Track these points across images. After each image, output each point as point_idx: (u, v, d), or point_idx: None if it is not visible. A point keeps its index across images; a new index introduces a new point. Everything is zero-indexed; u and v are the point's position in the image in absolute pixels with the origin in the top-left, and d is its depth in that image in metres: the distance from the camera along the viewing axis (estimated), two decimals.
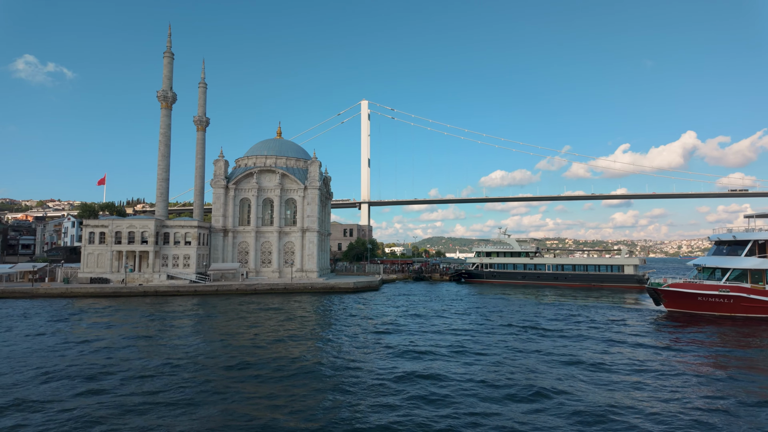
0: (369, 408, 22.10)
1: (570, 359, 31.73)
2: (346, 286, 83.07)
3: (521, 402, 23.04)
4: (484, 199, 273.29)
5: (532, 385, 25.25)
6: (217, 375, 27.62)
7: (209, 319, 50.69)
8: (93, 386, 25.54)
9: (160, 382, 26.22)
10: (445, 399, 23.37)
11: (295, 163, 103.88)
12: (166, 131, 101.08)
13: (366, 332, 42.28)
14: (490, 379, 26.64)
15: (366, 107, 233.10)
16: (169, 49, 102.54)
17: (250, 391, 24.57)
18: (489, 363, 30.71)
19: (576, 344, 37.07)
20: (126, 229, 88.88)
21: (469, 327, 45.26)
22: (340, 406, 22.35)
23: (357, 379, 26.97)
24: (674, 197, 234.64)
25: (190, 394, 23.99)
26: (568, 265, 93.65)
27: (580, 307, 61.13)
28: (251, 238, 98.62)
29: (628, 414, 21.21)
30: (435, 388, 24.98)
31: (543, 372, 28.34)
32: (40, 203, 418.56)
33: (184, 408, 21.99)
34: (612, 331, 43.24)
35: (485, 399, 23.37)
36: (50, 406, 22.33)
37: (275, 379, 26.79)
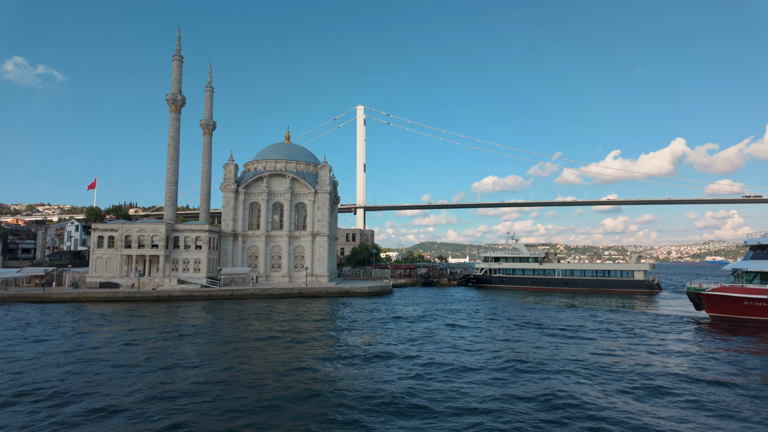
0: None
1: (647, 383, 26.98)
2: (361, 291, 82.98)
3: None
4: (478, 205, 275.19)
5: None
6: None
7: (249, 327, 49.15)
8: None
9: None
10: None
11: (305, 168, 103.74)
12: (175, 135, 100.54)
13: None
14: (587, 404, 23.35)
15: (362, 112, 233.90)
16: (178, 53, 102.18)
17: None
18: (569, 381, 27.48)
19: (644, 362, 32.51)
20: (136, 233, 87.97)
21: (511, 338, 41.42)
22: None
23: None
24: (664, 203, 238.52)
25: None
26: (578, 271, 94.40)
27: (615, 313, 59.08)
28: (261, 242, 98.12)
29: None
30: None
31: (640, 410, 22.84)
32: (29, 207, 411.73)
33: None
34: (668, 341, 39.95)
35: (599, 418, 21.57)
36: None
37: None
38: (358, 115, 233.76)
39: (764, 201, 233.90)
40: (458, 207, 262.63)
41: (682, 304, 70.14)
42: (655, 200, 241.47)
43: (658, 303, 73.77)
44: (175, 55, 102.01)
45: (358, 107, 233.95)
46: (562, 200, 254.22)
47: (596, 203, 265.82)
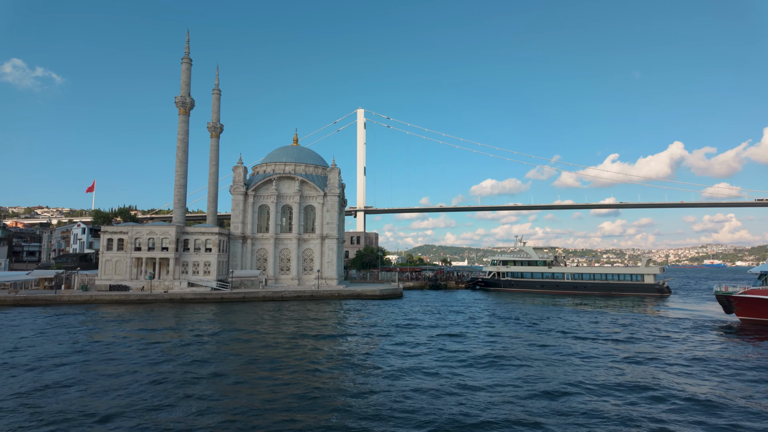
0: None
1: (691, 394, 25.78)
2: (373, 293, 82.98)
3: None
4: (478, 208, 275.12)
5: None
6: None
7: (280, 329, 48.80)
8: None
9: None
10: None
11: (314, 170, 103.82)
12: (184, 137, 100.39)
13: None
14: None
15: (362, 116, 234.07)
16: (187, 55, 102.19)
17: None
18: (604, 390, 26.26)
19: (685, 369, 31.53)
20: (146, 235, 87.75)
21: (544, 344, 39.76)
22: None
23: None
24: (662, 207, 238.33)
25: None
26: (587, 274, 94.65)
27: (641, 317, 58.24)
28: (270, 245, 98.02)
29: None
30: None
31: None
32: (27, 210, 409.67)
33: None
34: (704, 347, 38.67)
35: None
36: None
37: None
38: (358, 118, 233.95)
39: (762, 205, 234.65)
40: (458, 210, 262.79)
41: (703, 308, 70.17)
42: (653, 203, 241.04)
43: (679, 306, 73.39)
44: (184, 57, 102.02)
45: (359, 110, 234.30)
46: (560, 203, 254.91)
47: (594, 206, 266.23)
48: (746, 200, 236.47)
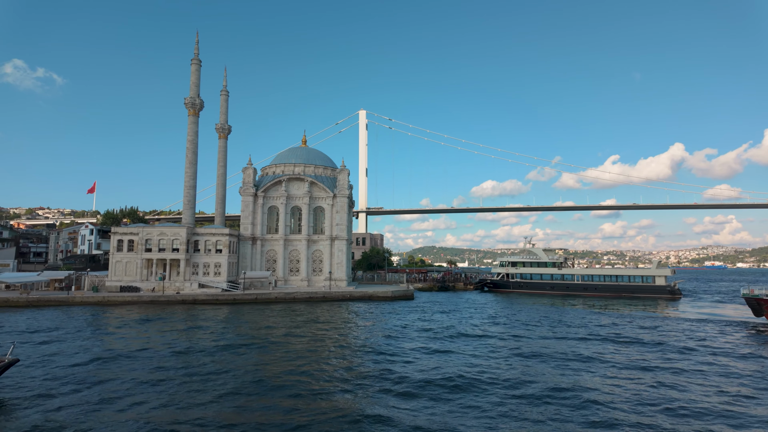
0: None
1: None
2: (385, 295, 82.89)
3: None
4: (481, 209, 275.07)
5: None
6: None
7: (297, 333, 49.29)
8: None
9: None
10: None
11: (323, 171, 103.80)
12: (194, 138, 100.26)
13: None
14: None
15: (364, 117, 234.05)
16: (196, 56, 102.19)
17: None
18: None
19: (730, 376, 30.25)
20: (157, 236, 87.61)
21: (575, 351, 37.62)
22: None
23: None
24: (663, 208, 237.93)
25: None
26: (598, 276, 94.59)
27: (668, 321, 57.12)
28: (279, 246, 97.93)
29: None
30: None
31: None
32: (28, 211, 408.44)
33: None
34: (740, 352, 37.68)
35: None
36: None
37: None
38: (360, 119, 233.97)
39: (763, 206, 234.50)
40: (462, 211, 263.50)
41: (724, 310, 69.98)
42: (654, 205, 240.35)
43: (698, 309, 73.09)
44: (194, 59, 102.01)
45: (361, 112, 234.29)
46: (561, 205, 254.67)
47: (595, 208, 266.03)
48: (748, 201, 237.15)
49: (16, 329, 46.82)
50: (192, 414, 21.94)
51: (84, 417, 21.38)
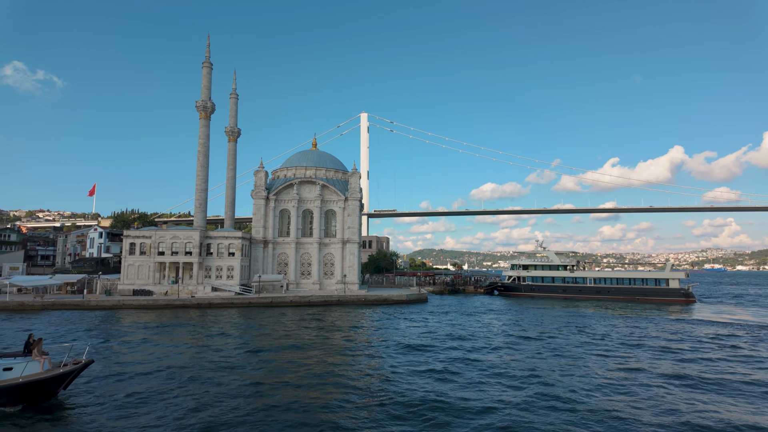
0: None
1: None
2: (399, 298, 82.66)
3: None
4: (481, 212, 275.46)
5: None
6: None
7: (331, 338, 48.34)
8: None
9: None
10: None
11: (334, 175, 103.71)
12: (205, 141, 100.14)
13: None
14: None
15: (365, 120, 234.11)
16: (207, 59, 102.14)
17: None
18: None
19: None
20: (170, 240, 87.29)
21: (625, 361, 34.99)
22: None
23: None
24: (662, 211, 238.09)
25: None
26: (611, 279, 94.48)
27: (712, 326, 55.18)
28: (291, 249, 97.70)
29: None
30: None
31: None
32: (29, 213, 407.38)
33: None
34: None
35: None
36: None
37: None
38: (362, 122, 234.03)
39: (764, 209, 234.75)
40: (465, 214, 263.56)
41: (746, 314, 69.73)
42: (653, 208, 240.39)
43: (720, 312, 72.65)
44: (205, 62, 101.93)
45: (362, 115, 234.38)
46: (561, 207, 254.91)
47: (595, 211, 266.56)
48: (749, 204, 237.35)
49: (49, 332, 46.49)
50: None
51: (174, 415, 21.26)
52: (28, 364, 22.34)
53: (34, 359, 22.86)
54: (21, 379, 21.82)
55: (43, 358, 23.20)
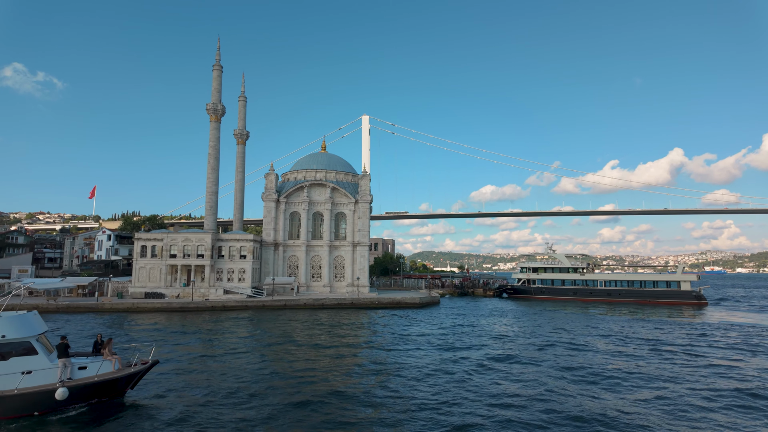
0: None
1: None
2: (413, 302, 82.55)
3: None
4: (482, 214, 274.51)
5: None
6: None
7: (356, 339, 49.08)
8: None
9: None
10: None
11: (344, 177, 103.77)
12: (216, 144, 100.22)
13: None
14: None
15: (367, 122, 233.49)
16: (218, 62, 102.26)
17: None
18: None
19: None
20: (181, 242, 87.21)
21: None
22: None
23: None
24: (662, 213, 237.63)
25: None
26: (622, 281, 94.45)
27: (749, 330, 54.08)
28: (301, 251, 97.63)
29: None
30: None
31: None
32: (29, 215, 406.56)
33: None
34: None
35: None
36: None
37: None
38: (363, 124, 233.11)
39: (763, 211, 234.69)
40: (462, 216, 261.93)
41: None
42: (653, 210, 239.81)
43: (742, 314, 72.44)
44: (215, 64, 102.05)
45: (364, 117, 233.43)
46: (563, 210, 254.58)
47: (595, 213, 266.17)
48: (750, 207, 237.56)
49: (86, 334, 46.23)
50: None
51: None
52: (103, 364, 23.12)
53: (106, 359, 23.55)
54: (96, 377, 22.50)
55: (114, 357, 23.84)
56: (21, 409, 20.69)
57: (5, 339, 21.20)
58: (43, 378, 21.36)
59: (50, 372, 21.65)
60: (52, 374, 21.64)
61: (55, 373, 21.68)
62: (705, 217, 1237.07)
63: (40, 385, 21.16)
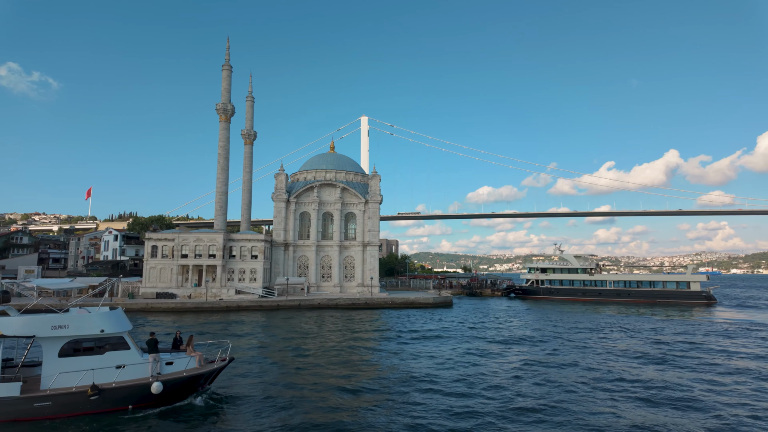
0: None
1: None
2: (426, 302, 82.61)
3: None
4: (483, 215, 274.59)
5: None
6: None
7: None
8: None
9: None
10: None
11: (354, 177, 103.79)
12: (225, 144, 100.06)
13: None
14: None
15: (366, 123, 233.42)
16: (227, 62, 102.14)
17: None
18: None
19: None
20: (193, 242, 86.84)
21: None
22: None
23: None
24: (657, 215, 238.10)
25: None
26: (632, 282, 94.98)
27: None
28: (311, 252, 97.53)
29: None
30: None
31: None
32: (24, 216, 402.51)
33: None
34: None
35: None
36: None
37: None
38: (362, 125, 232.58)
39: (758, 213, 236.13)
40: (459, 217, 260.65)
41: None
42: (649, 211, 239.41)
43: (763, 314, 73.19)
44: (225, 64, 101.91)
45: (363, 118, 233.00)
46: (560, 211, 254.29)
47: (590, 214, 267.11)
48: (747, 208, 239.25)
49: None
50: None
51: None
52: (190, 360, 23.44)
53: (189, 355, 23.82)
54: (185, 372, 22.78)
55: (197, 354, 24.07)
56: (118, 402, 21.15)
57: (104, 333, 21.52)
58: (135, 372, 21.76)
59: (142, 366, 21.99)
60: (143, 369, 21.98)
61: (146, 367, 22.02)
62: (700, 218, 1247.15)
63: (135, 379, 21.58)
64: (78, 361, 20.94)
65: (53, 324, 20.73)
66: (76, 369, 20.69)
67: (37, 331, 20.37)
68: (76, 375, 20.62)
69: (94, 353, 21.40)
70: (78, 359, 20.98)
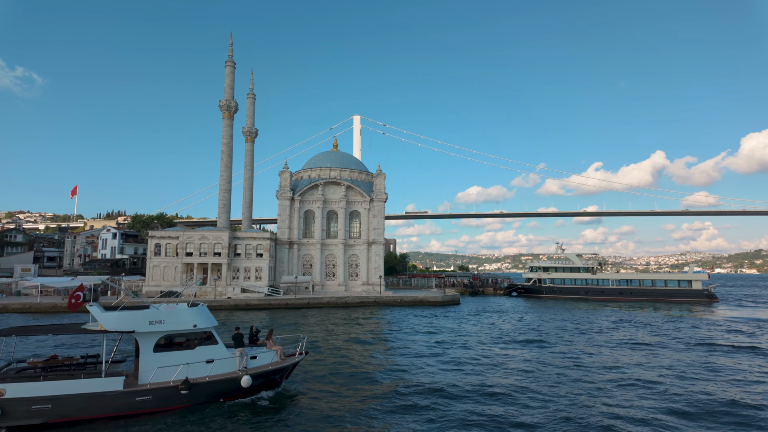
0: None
1: None
2: (435, 300, 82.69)
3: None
4: (475, 215, 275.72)
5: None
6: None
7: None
8: None
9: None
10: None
11: (358, 176, 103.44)
12: (229, 141, 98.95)
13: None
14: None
15: (358, 122, 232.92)
16: (230, 58, 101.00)
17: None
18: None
19: None
20: (198, 241, 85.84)
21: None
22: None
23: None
24: (643, 215, 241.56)
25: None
26: (634, 280, 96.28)
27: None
28: (316, 250, 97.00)
29: None
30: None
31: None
32: (9, 215, 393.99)
33: None
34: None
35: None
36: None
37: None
38: (354, 125, 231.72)
39: (741, 213, 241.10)
40: (457, 217, 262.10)
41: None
42: (635, 212, 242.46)
43: (750, 310, 74.54)
44: (228, 60, 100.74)
45: (355, 117, 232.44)
46: (548, 211, 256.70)
47: (578, 214, 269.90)
48: (732, 208, 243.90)
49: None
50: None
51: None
52: (273, 354, 23.76)
53: (270, 349, 24.10)
54: (270, 366, 23.11)
55: (277, 347, 24.24)
56: (211, 396, 21.50)
57: (196, 328, 21.78)
58: (224, 366, 21.97)
59: (229, 361, 22.16)
60: (230, 363, 22.16)
61: (233, 362, 22.22)
62: (685, 219, 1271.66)
63: (225, 373, 21.81)
64: (172, 355, 21.26)
65: (150, 319, 21.10)
66: (170, 364, 20.97)
67: (136, 326, 20.73)
68: (171, 369, 20.89)
69: (185, 348, 21.66)
70: (171, 354, 21.28)
